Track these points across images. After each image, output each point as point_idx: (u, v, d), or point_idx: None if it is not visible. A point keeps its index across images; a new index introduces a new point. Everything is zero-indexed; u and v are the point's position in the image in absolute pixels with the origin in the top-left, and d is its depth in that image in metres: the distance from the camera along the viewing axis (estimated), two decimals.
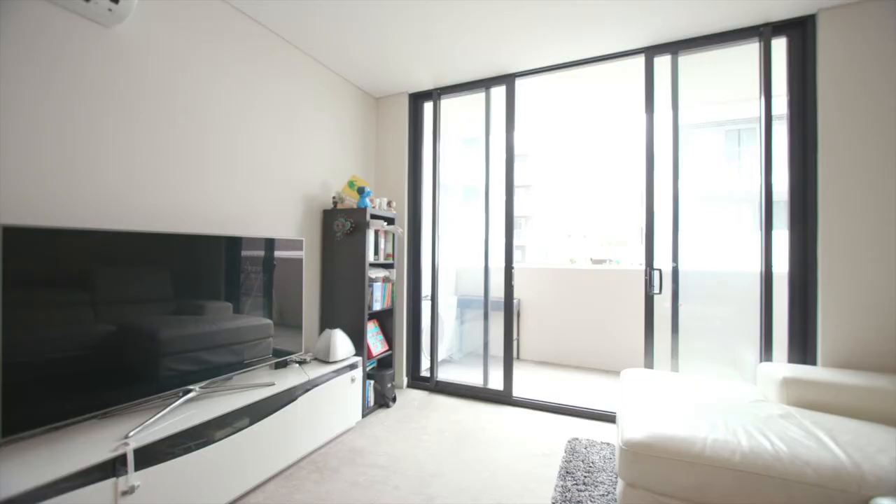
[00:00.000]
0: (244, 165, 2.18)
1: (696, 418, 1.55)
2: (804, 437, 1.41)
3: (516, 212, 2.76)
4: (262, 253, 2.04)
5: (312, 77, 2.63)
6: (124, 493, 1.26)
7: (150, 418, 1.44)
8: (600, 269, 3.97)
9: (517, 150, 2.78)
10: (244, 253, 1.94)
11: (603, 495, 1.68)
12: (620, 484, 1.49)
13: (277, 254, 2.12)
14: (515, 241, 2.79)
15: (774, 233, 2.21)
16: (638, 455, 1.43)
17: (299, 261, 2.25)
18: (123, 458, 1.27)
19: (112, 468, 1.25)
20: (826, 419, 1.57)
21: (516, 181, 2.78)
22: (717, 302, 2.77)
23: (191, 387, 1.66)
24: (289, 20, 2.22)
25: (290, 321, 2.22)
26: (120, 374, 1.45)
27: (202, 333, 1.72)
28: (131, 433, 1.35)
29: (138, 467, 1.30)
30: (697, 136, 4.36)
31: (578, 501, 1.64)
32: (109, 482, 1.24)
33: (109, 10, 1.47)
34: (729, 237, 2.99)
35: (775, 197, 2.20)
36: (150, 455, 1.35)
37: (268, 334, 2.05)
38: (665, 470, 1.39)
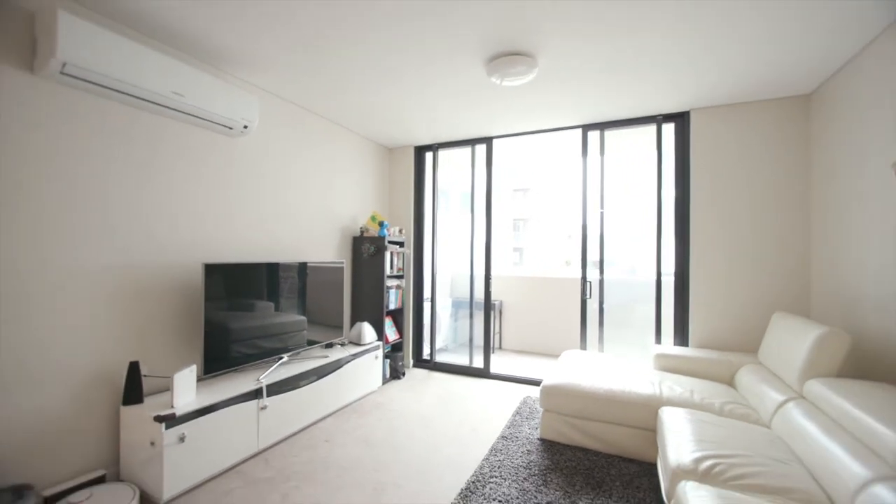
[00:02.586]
0: (305, 210, 3.21)
1: (588, 374, 2.58)
2: (645, 383, 2.43)
3: (514, 215, 3.80)
4: (320, 271, 3.07)
5: (344, 139, 3.66)
6: (262, 409, 2.30)
7: (267, 371, 2.48)
8: (561, 278, 4.99)
9: (513, 154, 3.72)
10: (309, 271, 2.97)
11: (535, 423, 2.71)
12: (541, 410, 2.52)
13: (329, 270, 3.15)
14: (513, 244, 3.83)
15: (667, 250, 3.23)
16: (549, 392, 2.46)
17: (341, 276, 3.28)
18: (260, 389, 2.31)
19: (255, 394, 2.28)
20: (668, 376, 2.60)
21: (513, 185, 3.81)
22: (637, 302, 3.78)
23: (283, 355, 2.69)
24: (332, 108, 3.24)
25: (334, 317, 3.25)
26: (250, 345, 2.48)
27: (290, 322, 2.76)
28: (261, 377, 2.38)
29: (267, 396, 2.34)
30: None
31: (519, 426, 2.68)
32: (254, 402, 2.27)
33: (241, 132, 2.50)
34: (644, 250, 3.89)
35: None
36: (270, 390, 2.38)
37: (314, 325, 3.08)
38: (564, 400, 2.42)
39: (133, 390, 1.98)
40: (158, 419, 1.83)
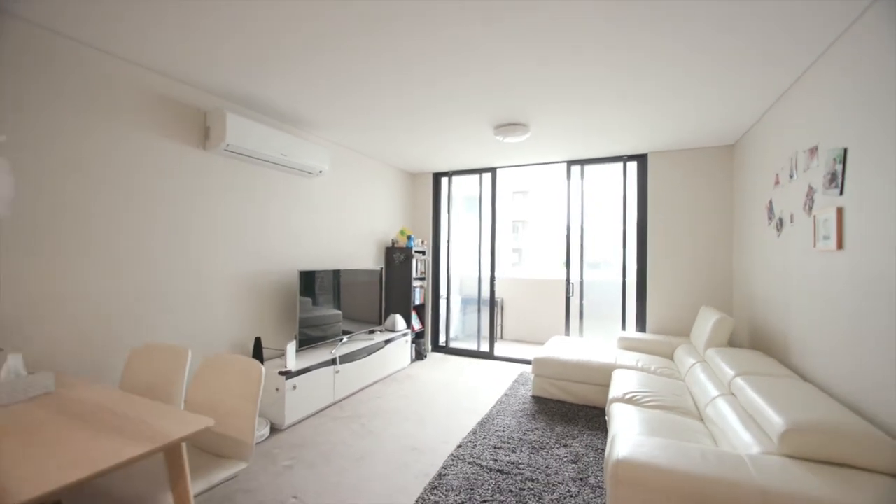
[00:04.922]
0: (355, 228, 4.19)
1: (568, 351, 3.55)
2: (607, 356, 3.41)
3: (513, 216, 4.72)
4: (365, 275, 4.05)
5: (380, 169, 4.63)
6: (336, 373, 3.28)
7: (335, 347, 3.46)
8: (552, 280, 5.98)
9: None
10: (359, 275, 3.95)
11: (528, 387, 3.69)
12: (532, 376, 3.51)
13: (372, 274, 4.13)
14: (512, 245, 4.79)
15: (630, 259, 4.20)
16: (539, 362, 3.44)
17: (380, 278, 4.26)
18: (335, 359, 3.28)
19: (331, 362, 3.25)
20: (625, 352, 3.57)
21: (512, 188, 4.71)
22: (611, 299, 4.75)
23: (343, 337, 3.67)
24: (372, 147, 4.21)
25: (375, 310, 4.22)
26: (323, 328, 3.46)
27: (347, 313, 3.73)
28: (333, 351, 3.36)
29: (339, 364, 3.31)
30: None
31: (517, 389, 3.66)
32: (331, 367, 3.25)
33: (317, 174, 3.47)
34: (616, 258, 4.84)
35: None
36: (341, 360, 3.35)
37: (362, 316, 4.06)
38: (548, 367, 3.40)
39: (258, 356, 2.95)
40: (281, 373, 2.81)
